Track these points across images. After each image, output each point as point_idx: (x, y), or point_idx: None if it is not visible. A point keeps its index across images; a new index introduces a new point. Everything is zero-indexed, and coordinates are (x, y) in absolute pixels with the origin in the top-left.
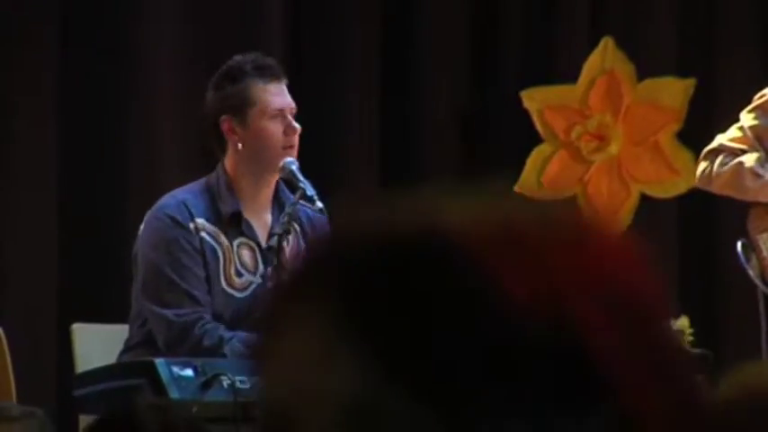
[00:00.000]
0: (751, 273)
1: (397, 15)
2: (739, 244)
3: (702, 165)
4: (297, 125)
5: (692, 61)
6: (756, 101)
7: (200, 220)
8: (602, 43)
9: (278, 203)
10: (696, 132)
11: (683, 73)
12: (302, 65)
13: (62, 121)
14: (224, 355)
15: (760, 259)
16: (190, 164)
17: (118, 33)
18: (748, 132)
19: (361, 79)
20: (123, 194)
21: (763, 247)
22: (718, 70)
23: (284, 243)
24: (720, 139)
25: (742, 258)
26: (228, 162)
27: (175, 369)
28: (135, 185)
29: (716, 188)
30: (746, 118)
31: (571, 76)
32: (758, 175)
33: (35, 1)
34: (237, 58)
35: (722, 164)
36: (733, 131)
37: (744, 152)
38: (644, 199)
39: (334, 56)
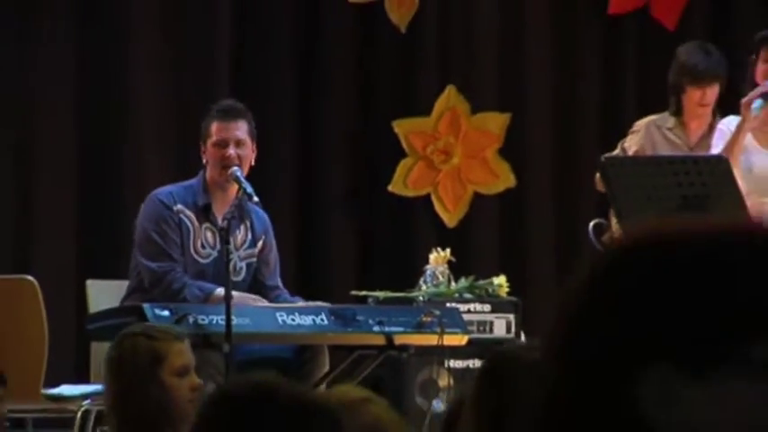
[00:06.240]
0: (599, 246)
1: (309, 71)
2: (591, 224)
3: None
4: (228, 152)
5: (509, 100)
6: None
7: (180, 206)
8: (447, 89)
9: (239, 202)
10: (511, 150)
11: (502, 109)
12: (243, 100)
13: (79, 135)
14: (185, 298)
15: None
16: (168, 172)
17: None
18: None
19: (282, 117)
20: (121, 188)
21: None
22: (528, 106)
23: (233, 227)
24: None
25: (591, 236)
26: (206, 169)
27: (156, 310)
28: (128, 183)
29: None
30: (626, 140)
31: (426, 111)
32: None
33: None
34: (216, 104)
35: None
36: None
37: None
38: (476, 195)
39: (266, 91)
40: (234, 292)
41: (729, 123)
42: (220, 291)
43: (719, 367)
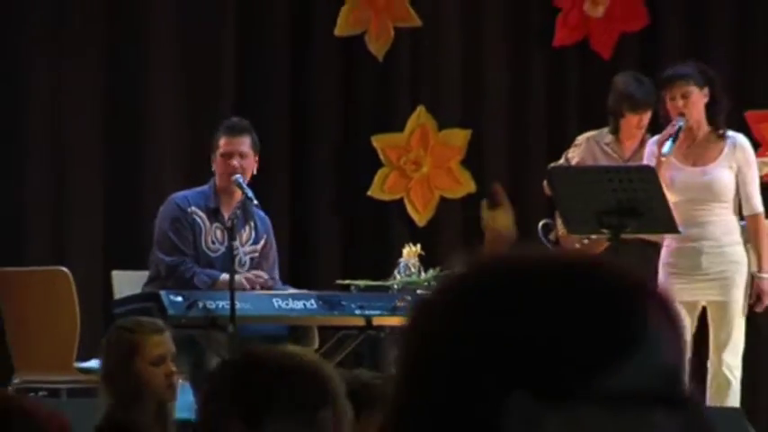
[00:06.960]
0: (548, 245)
1: (301, 93)
2: (540, 224)
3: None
4: (232, 163)
5: (470, 118)
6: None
7: (193, 208)
8: (417, 109)
9: (244, 205)
10: (471, 161)
11: (464, 126)
12: (245, 118)
13: (106, 151)
14: (195, 285)
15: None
16: (182, 178)
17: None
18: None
19: (278, 131)
20: (142, 192)
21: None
22: (486, 123)
23: (236, 226)
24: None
25: (540, 234)
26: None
27: (171, 297)
28: (148, 188)
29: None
30: (569, 152)
31: (400, 128)
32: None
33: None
34: (227, 119)
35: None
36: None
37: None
38: (442, 199)
39: (264, 110)
40: (240, 274)
41: (657, 142)
42: (225, 276)
43: (575, 396)
